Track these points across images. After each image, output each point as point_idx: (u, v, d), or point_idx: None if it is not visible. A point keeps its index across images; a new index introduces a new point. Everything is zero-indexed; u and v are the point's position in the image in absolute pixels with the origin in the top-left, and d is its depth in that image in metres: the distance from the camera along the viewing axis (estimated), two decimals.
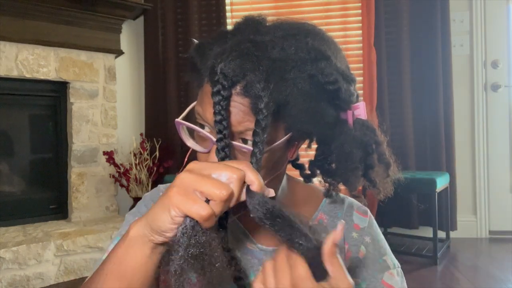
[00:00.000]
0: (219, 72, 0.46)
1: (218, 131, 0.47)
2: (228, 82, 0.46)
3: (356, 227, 0.67)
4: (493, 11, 2.87)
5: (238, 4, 2.95)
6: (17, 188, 2.56)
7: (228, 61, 0.47)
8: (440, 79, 2.73)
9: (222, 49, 0.49)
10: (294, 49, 0.49)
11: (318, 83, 0.49)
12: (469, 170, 2.90)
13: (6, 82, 2.38)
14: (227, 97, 0.47)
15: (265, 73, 0.46)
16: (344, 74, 0.52)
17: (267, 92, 0.46)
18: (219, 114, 0.47)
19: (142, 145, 2.70)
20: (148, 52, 2.96)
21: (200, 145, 0.55)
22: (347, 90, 0.52)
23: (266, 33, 0.51)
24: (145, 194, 0.70)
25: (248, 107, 0.48)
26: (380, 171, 0.58)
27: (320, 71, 0.49)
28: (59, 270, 2.16)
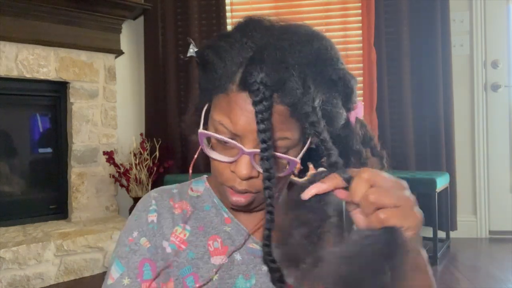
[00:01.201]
0: (259, 80, 0.46)
1: (263, 141, 0.46)
2: (269, 91, 0.46)
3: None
4: (493, 11, 2.87)
5: (238, 4, 2.95)
6: (17, 188, 2.56)
7: (265, 69, 0.47)
8: (440, 79, 2.73)
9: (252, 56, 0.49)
10: (315, 54, 0.50)
11: (338, 88, 0.51)
12: (469, 170, 2.90)
13: (6, 82, 2.38)
14: (269, 106, 0.47)
15: (302, 79, 0.47)
16: (353, 77, 0.54)
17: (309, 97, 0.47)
18: (262, 123, 0.46)
19: (142, 145, 2.70)
20: (148, 52, 2.96)
21: (221, 154, 0.54)
22: (355, 92, 0.55)
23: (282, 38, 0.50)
24: (137, 204, 0.65)
25: (284, 116, 0.49)
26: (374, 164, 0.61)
27: (341, 76, 0.50)
28: (59, 270, 2.16)
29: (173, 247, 0.60)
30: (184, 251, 0.60)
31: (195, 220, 0.62)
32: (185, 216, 0.62)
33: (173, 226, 0.61)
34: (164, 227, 0.61)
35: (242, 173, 0.51)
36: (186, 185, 0.68)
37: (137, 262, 0.58)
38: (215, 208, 0.64)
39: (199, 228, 0.62)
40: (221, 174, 0.55)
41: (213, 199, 0.65)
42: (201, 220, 0.62)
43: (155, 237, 0.60)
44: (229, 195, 0.56)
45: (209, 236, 0.61)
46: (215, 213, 0.63)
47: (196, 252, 0.60)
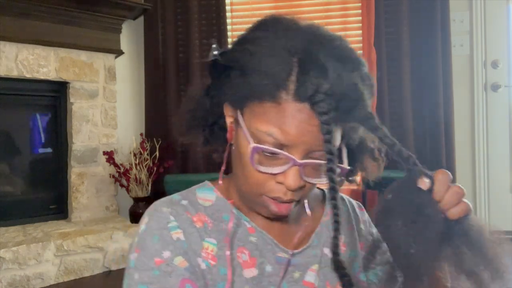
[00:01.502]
0: (323, 92, 0.46)
1: (329, 152, 0.47)
2: (334, 102, 0.47)
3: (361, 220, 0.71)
4: (493, 11, 2.87)
5: (238, 4, 2.95)
6: (17, 188, 2.56)
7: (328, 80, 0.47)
8: (440, 79, 2.73)
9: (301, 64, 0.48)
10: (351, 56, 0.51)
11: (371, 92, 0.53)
12: (469, 170, 2.90)
13: (6, 82, 2.38)
14: (336, 118, 0.47)
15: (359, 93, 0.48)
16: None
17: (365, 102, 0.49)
18: (328, 134, 0.46)
19: (142, 145, 2.70)
20: (148, 52, 2.96)
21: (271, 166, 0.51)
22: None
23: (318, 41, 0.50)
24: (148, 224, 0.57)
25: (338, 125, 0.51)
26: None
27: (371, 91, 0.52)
28: (59, 270, 2.16)
29: (207, 264, 0.56)
30: (215, 267, 0.56)
31: (218, 232, 0.58)
32: (207, 229, 0.58)
33: (201, 241, 0.57)
34: (192, 243, 0.56)
35: (293, 185, 0.50)
36: (191, 194, 0.62)
37: (177, 285, 0.52)
38: (235, 218, 0.60)
39: (224, 240, 0.57)
40: (262, 185, 0.53)
41: (230, 209, 0.60)
42: (224, 232, 0.58)
43: (188, 255, 0.55)
44: (270, 205, 0.54)
45: (237, 248, 0.58)
46: (237, 223, 0.60)
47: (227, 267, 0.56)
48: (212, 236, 0.57)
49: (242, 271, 0.57)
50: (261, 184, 0.53)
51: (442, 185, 0.48)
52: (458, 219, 0.48)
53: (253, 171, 0.52)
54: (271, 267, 0.58)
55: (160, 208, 0.58)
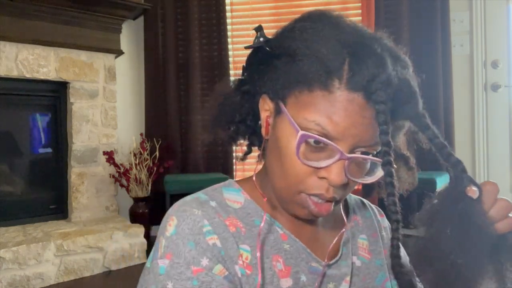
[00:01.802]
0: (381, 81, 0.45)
1: (385, 144, 0.45)
2: (391, 92, 0.46)
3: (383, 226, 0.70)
4: (493, 11, 2.87)
5: (238, 4, 2.95)
6: (17, 188, 2.56)
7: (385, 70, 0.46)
8: (440, 79, 2.73)
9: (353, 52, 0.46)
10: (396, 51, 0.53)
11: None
12: (469, 170, 2.85)
13: (6, 82, 2.38)
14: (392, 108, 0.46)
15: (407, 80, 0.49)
16: None
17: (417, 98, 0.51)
18: (385, 124, 0.45)
19: (142, 145, 2.70)
20: (148, 52, 2.96)
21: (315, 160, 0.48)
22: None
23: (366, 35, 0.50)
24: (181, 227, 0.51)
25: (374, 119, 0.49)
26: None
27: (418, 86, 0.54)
28: (59, 270, 2.16)
29: (243, 273, 0.51)
30: (251, 276, 0.51)
31: (251, 239, 0.53)
32: (241, 235, 0.53)
33: (237, 247, 0.52)
34: (229, 250, 0.51)
35: (337, 180, 0.47)
36: (218, 193, 0.57)
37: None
38: (267, 223, 0.55)
39: (258, 247, 0.52)
40: (303, 181, 0.49)
41: (260, 213, 0.56)
42: (255, 237, 0.54)
43: (226, 263, 0.50)
44: (310, 205, 0.50)
45: (272, 256, 0.54)
46: (268, 229, 0.55)
47: (263, 276, 0.52)
48: (246, 243, 0.53)
49: (279, 280, 0.53)
50: (301, 180, 0.49)
51: (491, 195, 0.47)
52: (504, 234, 0.46)
53: (295, 165, 0.48)
54: (305, 277, 0.55)
55: (190, 209, 0.52)
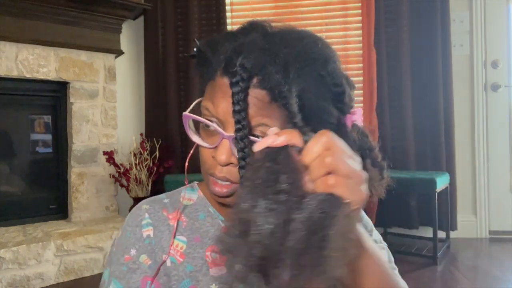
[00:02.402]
0: (238, 64, 0.47)
1: (237, 121, 0.47)
2: (246, 73, 0.47)
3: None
4: (493, 11, 2.87)
5: (238, 4, 2.95)
6: (17, 188, 2.56)
7: (246, 54, 0.48)
8: (440, 79, 2.73)
9: (237, 44, 0.50)
10: (305, 49, 0.50)
11: (327, 84, 0.51)
12: (469, 170, 2.90)
13: (6, 82, 2.39)
14: (246, 88, 0.47)
15: (283, 66, 0.48)
16: (348, 78, 0.55)
17: (287, 80, 0.47)
18: (238, 104, 0.47)
19: (142, 145, 2.70)
20: (148, 52, 2.96)
21: (206, 140, 0.54)
22: (349, 95, 0.54)
23: (276, 34, 0.52)
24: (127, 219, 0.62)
25: (262, 101, 0.49)
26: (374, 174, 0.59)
27: (330, 72, 0.51)
28: (59, 270, 2.16)
29: (173, 260, 0.58)
30: (182, 264, 0.58)
31: (190, 231, 0.61)
32: (181, 228, 0.61)
33: (171, 238, 0.60)
34: (162, 240, 0.59)
35: (221, 158, 0.50)
36: (177, 193, 0.66)
37: (139, 282, 0.56)
38: (210, 217, 0.62)
39: (195, 239, 0.60)
40: (205, 162, 0.55)
41: (208, 208, 0.63)
42: (197, 230, 0.61)
43: (154, 253, 0.58)
44: (211, 184, 0.55)
45: (207, 247, 0.60)
46: (211, 222, 0.62)
47: (194, 264, 0.58)
48: (184, 235, 0.60)
49: (208, 269, 0.58)
50: (204, 161, 0.55)
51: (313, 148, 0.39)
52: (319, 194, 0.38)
53: (202, 150, 0.55)
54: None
55: (141, 205, 0.63)
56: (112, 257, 0.60)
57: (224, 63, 0.50)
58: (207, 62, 0.54)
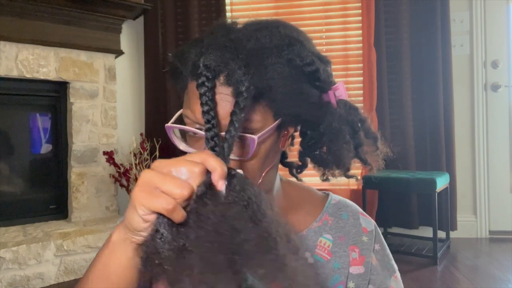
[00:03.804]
0: (202, 65, 0.48)
1: (207, 121, 0.47)
2: (211, 73, 0.48)
3: (365, 230, 0.67)
4: (493, 11, 2.87)
5: (238, 4, 2.95)
6: (17, 188, 2.56)
7: (208, 54, 0.49)
8: (440, 79, 2.73)
9: (199, 47, 0.51)
10: (268, 38, 0.51)
11: (297, 66, 0.51)
12: (469, 170, 2.90)
13: (6, 82, 2.38)
14: (212, 87, 0.48)
15: (244, 61, 0.48)
16: (320, 56, 0.55)
17: (248, 77, 0.47)
18: (206, 104, 0.47)
19: (142, 145, 2.70)
20: (148, 52, 2.96)
21: (193, 147, 0.55)
22: (325, 70, 0.55)
23: (239, 30, 0.53)
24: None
25: (232, 96, 0.49)
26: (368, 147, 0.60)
27: (297, 54, 0.51)
28: (59, 270, 2.16)
29: None
30: None
31: None
32: None
33: None
34: None
35: None
36: None
37: None
38: None
39: None
40: None
41: None
42: None
43: None
44: None
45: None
46: None
47: None
48: None
49: None
50: None
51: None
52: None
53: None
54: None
55: None
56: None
57: (191, 68, 0.51)
58: (178, 73, 0.55)
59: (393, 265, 0.67)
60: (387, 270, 0.65)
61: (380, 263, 0.65)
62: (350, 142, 0.58)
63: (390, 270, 0.66)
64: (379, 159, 0.61)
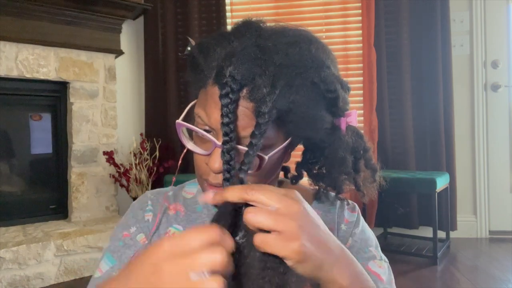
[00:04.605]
0: (228, 74, 0.47)
1: (225, 134, 0.47)
2: (237, 85, 0.47)
3: (346, 221, 0.68)
4: (493, 11, 2.87)
5: (238, 4, 2.95)
6: (17, 188, 2.56)
7: (237, 64, 0.47)
8: (440, 79, 2.73)
9: (228, 52, 0.49)
10: (298, 56, 0.49)
11: (320, 91, 0.50)
12: (469, 170, 2.90)
13: (6, 82, 2.38)
14: (236, 100, 0.47)
15: (272, 78, 0.47)
16: (342, 82, 0.54)
17: (272, 97, 0.47)
18: (227, 116, 0.46)
19: (142, 145, 2.70)
20: (148, 52, 2.96)
21: (200, 147, 0.54)
22: (344, 98, 0.54)
23: (269, 38, 0.51)
24: (133, 203, 0.69)
25: (252, 112, 0.48)
26: (367, 176, 0.60)
27: (323, 79, 0.50)
28: (59, 270, 2.16)
29: None
30: None
31: (187, 221, 0.64)
32: (178, 218, 0.65)
33: (167, 226, 0.64)
34: (159, 227, 0.63)
35: (214, 166, 0.50)
36: (181, 187, 0.70)
37: (130, 256, 0.60)
38: (207, 209, 0.65)
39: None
40: (199, 167, 0.55)
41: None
42: (193, 221, 0.64)
43: (151, 236, 0.63)
44: (206, 188, 0.56)
45: None
46: (207, 214, 0.64)
47: None
48: (181, 224, 0.64)
49: None
50: (198, 166, 0.56)
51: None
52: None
53: (194, 154, 0.56)
54: None
55: (146, 193, 0.69)
56: (111, 236, 0.64)
57: (215, 72, 0.49)
58: (199, 69, 0.53)
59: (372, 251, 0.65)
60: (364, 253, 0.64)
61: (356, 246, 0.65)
62: (352, 172, 0.58)
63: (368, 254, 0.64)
64: (373, 190, 0.61)
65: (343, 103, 0.54)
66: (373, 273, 0.62)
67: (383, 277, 0.62)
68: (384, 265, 0.64)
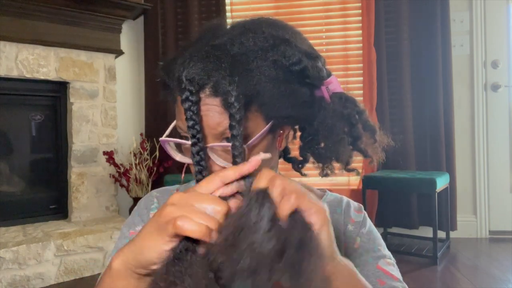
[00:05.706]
0: (184, 79, 0.48)
1: (192, 136, 0.48)
2: (194, 86, 0.48)
3: (352, 221, 0.68)
4: (493, 11, 2.87)
5: (238, 4, 2.95)
6: (17, 188, 2.56)
7: (190, 67, 0.48)
8: (440, 79, 2.73)
9: (182, 59, 0.50)
10: (252, 41, 0.50)
11: (283, 66, 0.50)
12: (469, 170, 2.90)
13: (6, 82, 2.38)
14: (196, 101, 0.48)
15: (228, 69, 0.48)
16: (307, 52, 0.53)
17: (234, 86, 0.47)
18: (191, 119, 0.48)
19: (142, 145, 2.70)
20: (148, 52, 2.96)
21: (187, 156, 0.55)
22: (314, 67, 0.53)
23: (224, 35, 0.52)
24: (139, 202, 0.70)
25: (221, 107, 0.49)
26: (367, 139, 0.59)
27: (282, 54, 0.50)
28: (59, 270, 2.16)
29: None
30: None
31: None
32: None
33: None
34: None
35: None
36: (187, 186, 0.71)
37: None
38: None
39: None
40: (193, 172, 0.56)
41: None
42: None
43: None
44: None
45: None
46: None
47: None
48: None
49: None
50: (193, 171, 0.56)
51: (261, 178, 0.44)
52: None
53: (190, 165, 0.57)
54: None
55: (153, 192, 0.71)
56: (120, 234, 0.67)
57: (176, 82, 0.50)
58: (168, 87, 0.55)
59: (381, 250, 0.65)
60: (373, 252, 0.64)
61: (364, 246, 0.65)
62: (345, 138, 0.57)
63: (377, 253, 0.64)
64: (379, 151, 0.60)
65: (315, 72, 0.53)
66: (385, 271, 0.62)
67: (395, 274, 0.62)
68: (393, 263, 0.65)
